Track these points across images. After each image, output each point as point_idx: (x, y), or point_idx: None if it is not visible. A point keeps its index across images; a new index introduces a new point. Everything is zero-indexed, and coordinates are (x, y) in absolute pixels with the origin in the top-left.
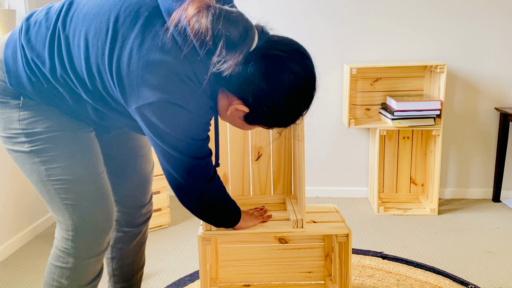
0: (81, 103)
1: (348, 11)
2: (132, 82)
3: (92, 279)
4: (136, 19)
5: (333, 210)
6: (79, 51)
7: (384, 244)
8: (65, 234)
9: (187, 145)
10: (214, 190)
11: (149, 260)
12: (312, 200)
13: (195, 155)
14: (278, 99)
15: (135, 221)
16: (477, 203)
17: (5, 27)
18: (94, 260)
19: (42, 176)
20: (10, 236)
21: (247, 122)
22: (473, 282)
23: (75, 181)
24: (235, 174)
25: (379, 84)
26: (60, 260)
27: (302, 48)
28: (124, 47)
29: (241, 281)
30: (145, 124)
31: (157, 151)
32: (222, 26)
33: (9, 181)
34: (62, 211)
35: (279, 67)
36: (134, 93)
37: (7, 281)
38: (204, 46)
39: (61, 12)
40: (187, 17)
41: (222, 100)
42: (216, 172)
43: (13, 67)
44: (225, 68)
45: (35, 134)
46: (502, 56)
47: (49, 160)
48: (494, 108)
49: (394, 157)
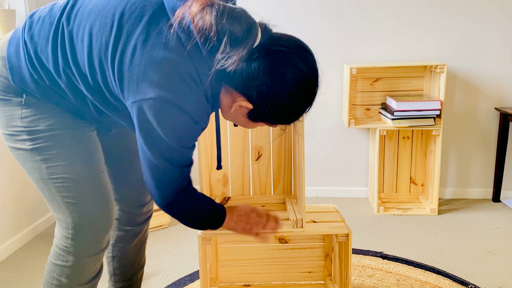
0: (83, 100)
1: (348, 11)
2: (133, 77)
3: (92, 277)
4: (141, 16)
5: (333, 210)
6: (82, 45)
7: (384, 244)
8: (65, 232)
9: (171, 149)
10: (186, 201)
11: (149, 260)
12: (312, 200)
13: (175, 162)
14: (282, 94)
15: (136, 220)
16: (477, 203)
17: (5, 27)
18: (93, 258)
19: (43, 174)
20: (10, 236)
21: (251, 119)
22: (473, 282)
23: (76, 179)
24: (235, 174)
25: (379, 84)
26: (60, 259)
27: (304, 44)
28: (128, 43)
29: (241, 281)
30: (137, 120)
31: (139, 149)
32: (226, 22)
33: (9, 181)
34: (62, 209)
35: (283, 62)
36: (134, 87)
37: (7, 281)
38: (208, 43)
39: (65, 8)
40: (191, 14)
41: (226, 98)
42: (191, 184)
43: (16, 64)
44: (229, 64)
45: (37, 132)
46: (502, 56)
47: (50, 158)
48: (494, 108)
49: (394, 157)
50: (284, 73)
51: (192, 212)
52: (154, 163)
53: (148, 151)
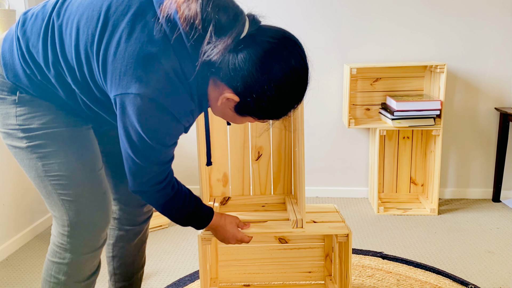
0: (73, 95)
1: (348, 11)
2: (116, 70)
3: (90, 275)
4: (127, 9)
5: (333, 210)
6: (70, 39)
7: (384, 244)
8: (61, 229)
9: (149, 147)
10: (159, 193)
11: (149, 260)
12: (312, 200)
13: (153, 159)
14: (267, 86)
15: (136, 220)
16: (477, 203)
17: (5, 27)
18: (91, 255)
19: (39, 172)
20: (10, 236)
21: (238, 113)
22: (473, 282)
23: (72, 177)
24: (235, 174)
25: (379, 84)
26: (57, 256)
27: (293, 37)
28: (113, 35)
29: (241, 281)
30: (118, 112)
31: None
32: (211, 10)
33: (9, 181)
34: (58, 206)
35: (270, 54)
36: (116, 80)
37: (7, 281)
38: (193, 32)
39: (57, 4)
40: (178, 3)
41: (213, 91)
42: (169, 177)
43: (10, 60)
44: (215, 54)
45: (32, 130)
46: (502, 56)
47: (46, 156)
48: (494, 108)
49: (394, 157)
50: (271, 65)
51: (167, 205)
52: (131, 157)
53: (127, 143)
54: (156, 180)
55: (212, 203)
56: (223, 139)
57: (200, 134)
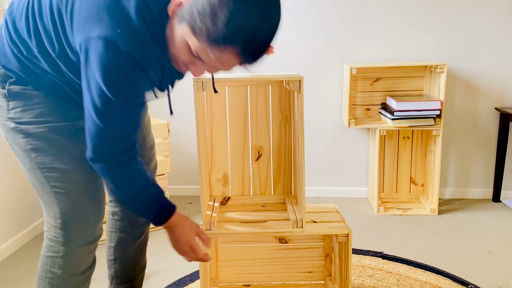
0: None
1: (348, 11)
2: (81, 16)
3: (85, 269)
4: None
5: (333, 210)
6: (45, 2)
7: (384, 244)
8: (53, 222)
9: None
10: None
11: (149, 260)
12: (312, 200)
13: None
14: None
15: (137, 221)
16: (477, 203)
17: None
18: (84, 249)
19: (33, 164)
20: (10, 236)
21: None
22: (473, 282)
23: (66, 170)
24: (235, 174)
25: (379, 84)
26: (51, 250)
27: None
28: None
29: (241, 281)
30: (82, 63)
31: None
32: None
33: (9, 181)
34: (51, 198)
35: None
36: (80, 27)
37: (7, 281)
38: None
39: None
40: None
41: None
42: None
43: (0, 44)
44: None
45: (25, 124)
46: (502, 56)
47: (39, 149)
48: (494, 108)
49: (394, 157)
50: None
51: (126, 183)
52: (91, 116)
53: (88, 99)
54: (117, 149)
55: (212, 203)
56: (223, 139)
57: (200, 134)
